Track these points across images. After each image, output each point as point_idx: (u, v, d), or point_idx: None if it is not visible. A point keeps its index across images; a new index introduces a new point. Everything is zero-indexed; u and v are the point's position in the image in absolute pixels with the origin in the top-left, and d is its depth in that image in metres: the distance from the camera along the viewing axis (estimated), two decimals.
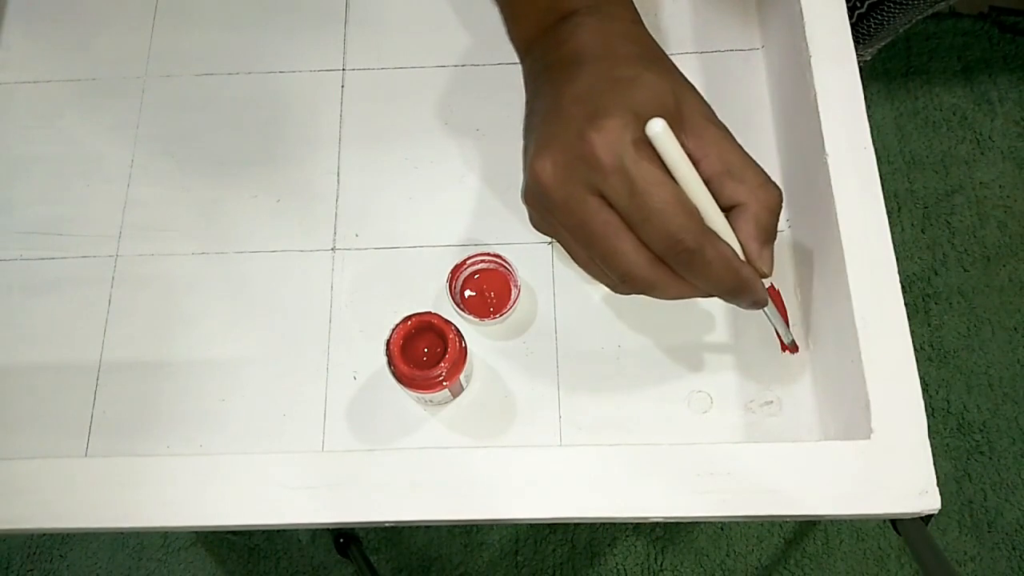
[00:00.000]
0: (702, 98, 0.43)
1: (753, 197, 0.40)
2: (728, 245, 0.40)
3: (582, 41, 0.44)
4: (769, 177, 0.41)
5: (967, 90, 1.32)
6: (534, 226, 0.45)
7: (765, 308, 0.43)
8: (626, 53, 0.43)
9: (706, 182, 0.40)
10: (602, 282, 0.43)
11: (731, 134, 0.42)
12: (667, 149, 0.38)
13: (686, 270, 0.39)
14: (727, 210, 0.41)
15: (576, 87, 0.42)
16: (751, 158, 0.41)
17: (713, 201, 0.40)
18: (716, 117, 0.42)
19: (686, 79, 0.44)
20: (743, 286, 0.40)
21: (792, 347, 0.47)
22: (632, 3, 0.47)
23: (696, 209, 0.39)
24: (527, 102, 0.48)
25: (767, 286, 0.48)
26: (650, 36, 0.46)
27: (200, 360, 0.48)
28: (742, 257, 0.41)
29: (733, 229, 0.41)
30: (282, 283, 0.50)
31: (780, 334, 0.46)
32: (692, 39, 0.54)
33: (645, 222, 0.38)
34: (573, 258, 0.43)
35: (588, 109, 0.40)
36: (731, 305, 0.47)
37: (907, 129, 1.30)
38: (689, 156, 0.39)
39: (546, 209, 0.42)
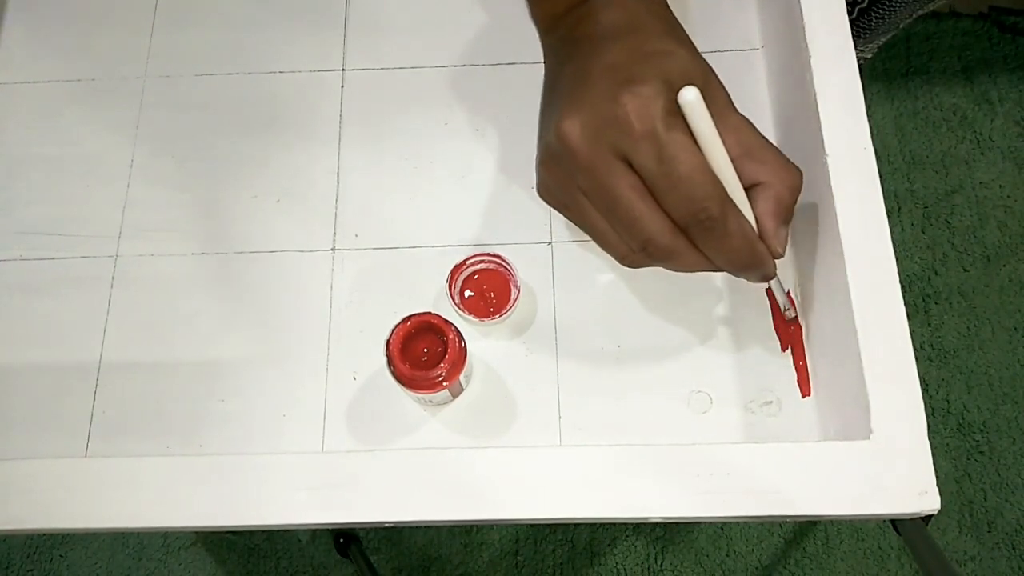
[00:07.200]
0: (723, 85, 0.43)
1: (776, 177, 0.41)
2: (747, 220, 0.40)
3: (613, 16, 0.44)
4: (789, 160, 0.42)
5: (967, 90, 1.32)
6: (543, 194, 0.45)
7: (771, 281, 0.44)
8: (657, 30, 0.43)
9: None
10: (613, 253, 0.43)
11: (751, 122, 0.42)
12: (698, 118, 0.39)
13: (706, 239, 0.40)
14: (747, 189, 0.41)
15: (607, 58, 0.42)
16: (771, 143, 0.42)
17: (736, 176, 0.40)
18: (734, 105, 0.43)
19: (709, 64, 0.44)
20: (757, 261, 0.41)
21: (793, 323, 0.47)
22: None
23: (720, 180, 0.40)
24: (548, 72, 0.48)
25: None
26: (676, 19, 0.46)
27: (200, 360, 0.48)
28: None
29: (752, 206, 0.41)
30: (282, 283, 0.49)
31: (780, 306, 0.46)
32: (692, 39, 0.54)
33: (671, 189, 0.39)
34: (586, 226, 0.43)
35: (621, 76, 0.40)
36: (732, 304, 0.48)
37: (907, 129, 1.30)
38: None
39: (568, 172, 0.41)
